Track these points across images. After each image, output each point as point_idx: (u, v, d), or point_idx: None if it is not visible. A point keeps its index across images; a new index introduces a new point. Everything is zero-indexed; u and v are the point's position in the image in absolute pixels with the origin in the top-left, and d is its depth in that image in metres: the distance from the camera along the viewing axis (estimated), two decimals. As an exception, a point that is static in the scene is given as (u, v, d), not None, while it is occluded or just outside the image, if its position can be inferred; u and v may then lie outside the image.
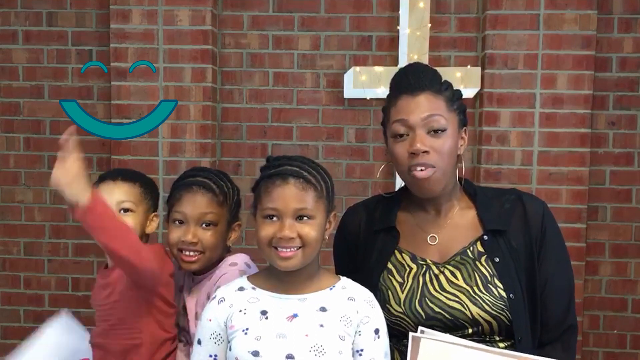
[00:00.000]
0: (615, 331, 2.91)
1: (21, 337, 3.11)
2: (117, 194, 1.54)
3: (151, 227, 1.61)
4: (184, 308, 1.62)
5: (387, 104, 1.45)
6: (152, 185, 1.64)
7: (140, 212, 1.57)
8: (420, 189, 1.39)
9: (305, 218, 1.25)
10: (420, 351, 1.22)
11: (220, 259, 1.59)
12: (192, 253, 1.52)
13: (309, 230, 1.25)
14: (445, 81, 1.43)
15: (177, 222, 1.54)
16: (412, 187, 1.42)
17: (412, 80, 1.39)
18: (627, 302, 2.92)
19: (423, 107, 1.36)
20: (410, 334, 1.24)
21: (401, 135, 1.38)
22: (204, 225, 1.53)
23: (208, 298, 1.49)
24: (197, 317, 1.54)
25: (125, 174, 1.60)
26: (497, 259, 1.38)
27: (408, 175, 1.38)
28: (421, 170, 1.35)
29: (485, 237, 1.41)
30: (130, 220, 1.53)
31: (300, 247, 1.25)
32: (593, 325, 2.93)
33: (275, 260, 1.26)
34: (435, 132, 1.36)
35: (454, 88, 1.44)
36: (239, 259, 1.57)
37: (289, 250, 1.24)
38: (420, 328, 1.28)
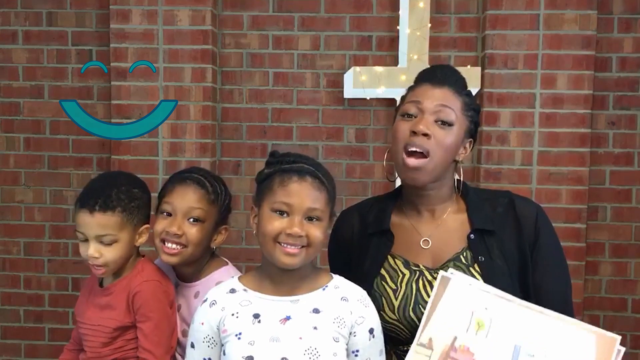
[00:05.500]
0: (615, 331, 2.90)
1: (21, 337, 3.13)
2: (95, 229, 1.45)
3: (140, 241, 1.54)
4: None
5: (407, 90, 1.48)
6: (139, 200, 1.53)
7: (124, 238, 1.48)
8: (406, 176, 1.40)
9: (314, 219, 1.25)
10: (446, 292, 1.19)
11: (202, 260, 1.58)
12: (174, 246, 1.50)
13: (316, 231, 1.24)
14: (469, 90, 1.47)
15: (165, 214, 1.53)
16: (400, 172, 1.42)
17: (439, 73, 1.44)
18: (627, 302, 2.92)
19: (439, 97, 1.39)
20: (440, 272, 1.22)
21: (409, 115, 1.40)
22: (191, 220, 1.51)
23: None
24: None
25: (104, 201, 1.46)
26: (481, 258, 1.37)
27: (400, 157, 1.38)
28: (413, 152, 1.36)
29: (472, 236, 1.40)
30: (112, 252, 1.47)
31: (304, 246, 1.24)
32: (593, 325, 2.92)
33: (278, 256, 1.24)
34: (443, 123, 1.38)
35: (475, 101, 1.47)
36: (226, 277, 1.50)
37: (294, 247, 1.23)
38: (450, 270, 1.26)
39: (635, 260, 2.92)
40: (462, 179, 1.48)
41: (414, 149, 1.36)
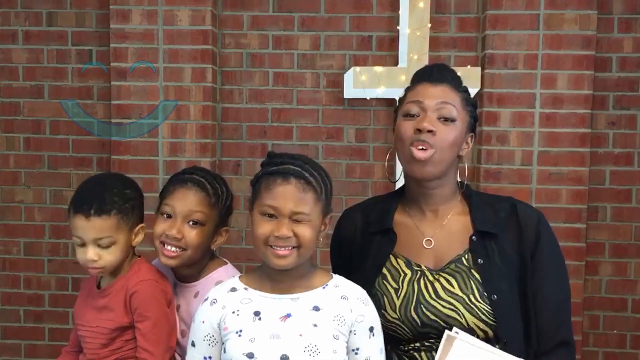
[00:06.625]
0: (615, 331, 2.91)
1: (21, 337, 3.13)
2: (92, 232, 1.45)
3: (137, 240, 1.53)
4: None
5: (405, 91, 1.49)
6: (133, 200, 1.52)
7: (121, 240, 1.48)
8: (414, 169, 1.39)
9: (302, 220, 1.25)
10: (451, 351, 1.20)
11: (202, 261, 1.57)
12: (173, 248, 1.50)
13: (305, 230, 1.25)
14: (465, 86, 1.49)
15: (165, 216, 1.52)
16: (408, 166, 1.41)
17: (436, 72, 1.46)
18: (627, 302, 2.92)
19: (439, 94, 1.41)
20: (446, 332, 1.23)
21: (412, 115, 1.41)
22: (191, 223, 1.50)
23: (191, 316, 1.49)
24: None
25: (98, 204, 1.45)
26: (480, 261, 1.38)
27: (408, 152, 1.39)
28: (422, 149, 1.36)
29: (474, 238, 1.40)
30: (110, 254, 1.47)
31: (295, 247, 1.25)
32: (593, 325, 2.92)
33: (270, 258, 1.25)
34: (445, 119, 1.39)
35: (472, 97, 1.50)
36: (225, 277, 1.51)
37: (284, 249, 1.24)
38: (454, 329, 1.27)
39: (635, 260, 2.92)
40: (465, 180, 1.48)
41: (421, 146, 1.36)
